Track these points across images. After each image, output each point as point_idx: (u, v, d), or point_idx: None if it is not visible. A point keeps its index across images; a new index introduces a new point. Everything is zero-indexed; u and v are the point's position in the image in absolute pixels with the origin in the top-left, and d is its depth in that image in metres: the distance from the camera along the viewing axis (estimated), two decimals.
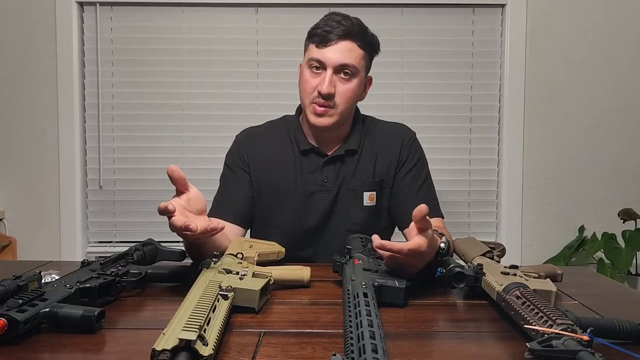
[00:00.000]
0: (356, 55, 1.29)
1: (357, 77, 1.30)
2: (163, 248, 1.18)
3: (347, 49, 1.27)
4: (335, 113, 1.29)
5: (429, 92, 2.36)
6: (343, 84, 1.28)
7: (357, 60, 1.29)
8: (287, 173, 1.36)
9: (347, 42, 1.28)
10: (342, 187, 1.35)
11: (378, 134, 1.42)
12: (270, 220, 1.38)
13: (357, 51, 1.29)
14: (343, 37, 1.27)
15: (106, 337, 0.76)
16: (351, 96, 1.30)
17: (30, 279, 0.82)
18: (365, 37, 1.32)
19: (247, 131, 1.46)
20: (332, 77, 1.27)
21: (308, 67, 1.31)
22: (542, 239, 2.37)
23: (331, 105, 1.28)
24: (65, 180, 2.33)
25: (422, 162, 1.42)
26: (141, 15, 2.34)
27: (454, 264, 0.96)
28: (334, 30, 1.27)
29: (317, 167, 1.36)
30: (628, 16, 2.33)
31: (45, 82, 2.31)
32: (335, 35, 1.27)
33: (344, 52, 1.27)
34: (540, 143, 2.36)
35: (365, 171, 1.37)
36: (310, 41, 1.32)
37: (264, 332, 0.78)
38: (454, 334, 0.81)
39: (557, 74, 2.34)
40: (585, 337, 0.62)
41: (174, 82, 2.34)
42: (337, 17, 1.30)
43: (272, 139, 1.41)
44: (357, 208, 1.36)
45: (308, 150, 1.37)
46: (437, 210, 1.38)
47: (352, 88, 1.30)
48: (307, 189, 1.35)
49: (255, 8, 2.33)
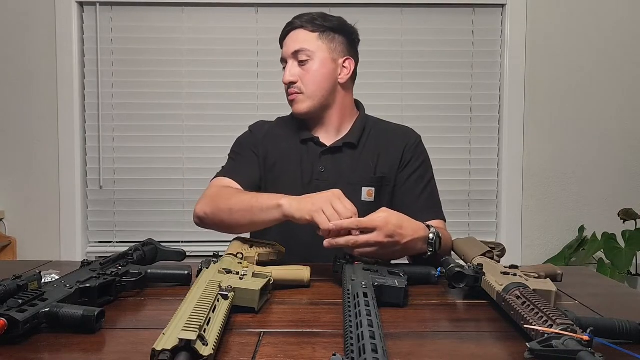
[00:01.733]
0: (309, 38, 1.36)
1: (315, 59, 1.35)
2: (163, 248, 1.18)
3: (297, 37, 1.37)
4: (305, 98, 1.36)
5: (429, 92, 2.36)
6: (302, 69, 1.36)
7: (309, 43, 1.35)
8: (290, 160, 1.40)
9: (296, 31, 1.38)
10: (340, 180, 1.37)
11: (382, 133, 1.45)
12: None
13: (308, 35, 1.36)
14: (292, 28, 1.38)
15: (106, 337, 0.76)
16: (314, 77, 1.35)
17: (30, 279, 0.82)
18: (317, 21, 1.38)
19: (259, 122, 1.53)
20: (291, 66, 1.36)
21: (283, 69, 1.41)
22: (542, 239, 2.37)
23: (297, 91, 1.36)
24: (65, 180, 2.33)
25: (427, 165, 1.44)
26: (141, 15, 2.34)
27: (454, 264, 0.96)
28: (285, 29, 1.40)
29: (315, 157, 1.39)
30: (628, 16, 2.33)
31: (45, 82, 2.31)
32: (286, 32, 1.40)
33: (294, 40, 1.37)
34: (540, 143, 2.36)
35: (366, 167, 1.39)
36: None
37: (264, 332, 0.78)
38: (454, 334, 0.80)
39: (557, 73, 2.34)
40: (585, 337, 0.62)
41: (174, 82, 2.35)
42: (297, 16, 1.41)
43: (279, 130, 1.47)
44: (355, 203, 1.36)
45: (307, 139, 1.41)
46: (439, 213, 1.39)
47: (312, 69, 1.35)
48: (306, 178, 1.39)
49: (255, 8, 2.33)
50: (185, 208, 2.34)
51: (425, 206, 1.37)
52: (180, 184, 2.37)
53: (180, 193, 2.36)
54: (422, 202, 1.38)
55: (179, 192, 2.36)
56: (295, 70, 1.36)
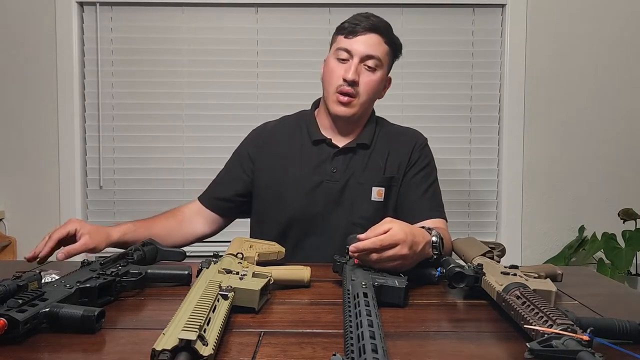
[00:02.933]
0: (382, 49, 1.35)
1: (381, 70, 1.35)
2: (163, 248, 1.19)
3: (374, 42, 1.33)
4: (357, 103, 1.35)
5: (429, 92, 2.36)
6: (367, 75, 1.34)
7: (382, 53, 1.35)
8: (294, 163, 1.40)
9: (374, 35, 1.34)
10: (350, 180, 1.38)
11: (392, 134, 1.46)
12: (277, 208, 1.40)
13: (383, 46, 1.35)
14: (370, 30, 1.34)
15: (106, 337, 0.76)
16: (374, 87, 1.36)
17: (30, 279, 0.82)
18: (390, 35, 1.38)
19: (261, 126, 1.52)
20: (357, 66, 1.32)
21: (335, 57, 1.36)
22: (542, 239, 2.37)
23: (354, 94, 1.33)
24: (65, 180, 2.33)
25: (431, 167, 1.46)
26: (141, 15, 2.34)
27: (454, 264, 0.96)
28: (361, 24, 1.34)
29: (327, 158, 1.39)
30: (628, 16, 2.33)
31: (45, 82, 2.31)
32: (362, 28, 1.33)
33: (370, 44, 1.33)
34: (540, 143, 2.36)
35: (376, 167, 1.40)
36: (339, 33, 1.38)
37: (264, 332, 0.78)
38: (454, 334, 0.81)
39: (557, 73, 2.34)
40: (585, 337, 0.62)
41: (174, 82, 2.34)
42: (366, 14, 1.38)
43: (282, 131, 1.46)
44: (365, 202, 1.38)
45: (319, 140, 1.41)
46: (440, 213, 1.40)
47: (376, 80, 1.35)
48: (315, 179, 1.38)
49: (255, 8, 2.33)
50: None
51: (429, 204, 1.39)
52: (180, 184, 2.37)
53: (180, 193, 2.36)
54: (425, 201, 1.39)
55: (179, 192, 2.36)
56: (360, 73, 1.33)
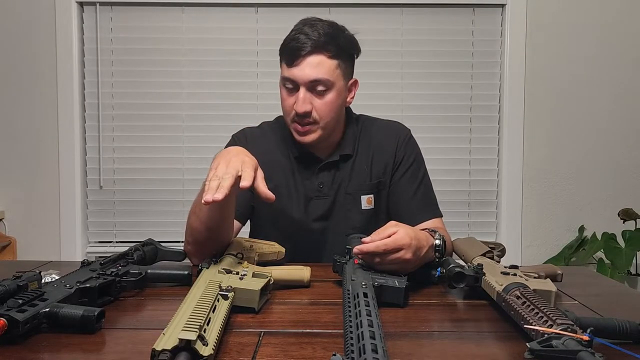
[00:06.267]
0: (327, 68, 1.23)
1: (333, 89, 1.25)
2: (163, 248, 1.18)
3: (317, 63, 1.22)
4: (317, 128, 1.27)
5: (429, 92, 2.36)
6: (320, 99, 1.25)
7: (329, 72, 1.23)
8: (286, 176, 1.36)
9: (316, 56, 1.22)
10: (339, 192, 1.35)
11: (373, 134, 1.40)
12: (272, 224, 1.37)
13: (327, 63, 1.23)
14: (312, 51, 1.22)
15: (106, 337, 0.76)
16: (331, 108, 1.26)
17: (30, 279, 0.82)
18: (337, 43, 1.25)
19: (244, 131, 1.43)
20: (305, 95, 1.23)
21: (283, 86, 1.28)
22: (542, 239, 2.37)
23: (311, 121, 1.26)
24: (65, 180, 2.33)
25: (419, 161, 1.40)
26: (141, 15, 2.34)
27: (454, 264, 0.96)
28: (302, 47, 1.22)
29: (312, 173, 1.35)
30: (628, 16, 2.33)
31: (45, 82, 2.31)
32: (303, 51, 1.22)
33: (313, 68, 1.22)
34: (540, 143, 2.36)
35: (362, 174, 1.36)
36: (282, 59, 1.28)
37: (264, 332, 0.78)
38: (454, 334, 0.80)
39: (557, 74, 2.34)
40: (585, 337, 0.62)
41: (174, 82, 2.35)
42: (306, 29, 1.24)
43: (269, 141, 1.39)
44: (356, 212, 1.35)
45: (301, 156, 1.35)
46: (435, 210, 1.37)
47: (330, 101, 1.25)
48: (305, 194, 1.35)
49: (255, 8, 2.33)
50: (185, 208, 2.32)
51: (421, 205, 1.35)
52: (180, 184, 2.37)
53: (180, 193, 2.36)
54: (418, 202, 1.35)
55: (179, 192, 2.36)
56: (309, 99, 1.24)
